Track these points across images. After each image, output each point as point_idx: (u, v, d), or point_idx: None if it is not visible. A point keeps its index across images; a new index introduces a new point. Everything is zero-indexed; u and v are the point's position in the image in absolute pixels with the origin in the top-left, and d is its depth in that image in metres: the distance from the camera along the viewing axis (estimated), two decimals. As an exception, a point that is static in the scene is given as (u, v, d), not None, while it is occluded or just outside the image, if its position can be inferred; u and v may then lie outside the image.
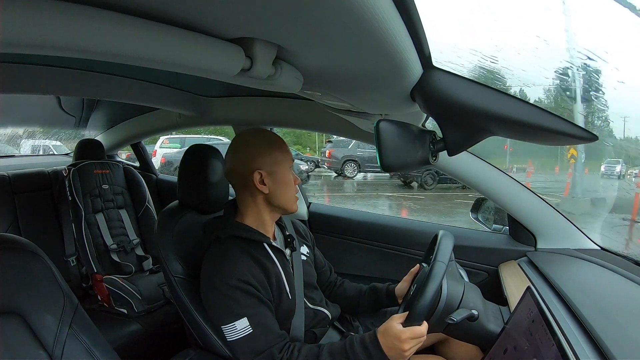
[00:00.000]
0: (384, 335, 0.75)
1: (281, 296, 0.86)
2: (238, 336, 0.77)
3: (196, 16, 0.37)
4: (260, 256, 0.86)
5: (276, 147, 0.88)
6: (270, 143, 0.88)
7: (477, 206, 1.40)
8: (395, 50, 0.42)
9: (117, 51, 0.35)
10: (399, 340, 0.72)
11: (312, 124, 1.41)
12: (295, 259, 0.95)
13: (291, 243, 0.95)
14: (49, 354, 0.64)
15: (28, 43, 0.29)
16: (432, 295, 0.73)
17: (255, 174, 0.85)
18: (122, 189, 1.82)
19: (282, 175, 0.87)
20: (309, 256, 1.02)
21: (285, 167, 0.88)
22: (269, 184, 0.86)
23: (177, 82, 1.47)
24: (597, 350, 0.61)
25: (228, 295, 0.78)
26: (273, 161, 0.86)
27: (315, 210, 1.63)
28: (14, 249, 0.68)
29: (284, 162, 0.88)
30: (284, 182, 0.88)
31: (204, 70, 0.45)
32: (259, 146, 0.87)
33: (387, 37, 0.39)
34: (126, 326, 1.40)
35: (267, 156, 0.86)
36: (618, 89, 4.99)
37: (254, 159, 0.86)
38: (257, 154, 0.86)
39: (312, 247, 1.07)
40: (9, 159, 2.29)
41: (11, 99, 1.63)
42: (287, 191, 0.89)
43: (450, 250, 0.80)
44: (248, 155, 0.86)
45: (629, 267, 0.94)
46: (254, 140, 0.88)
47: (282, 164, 0.88)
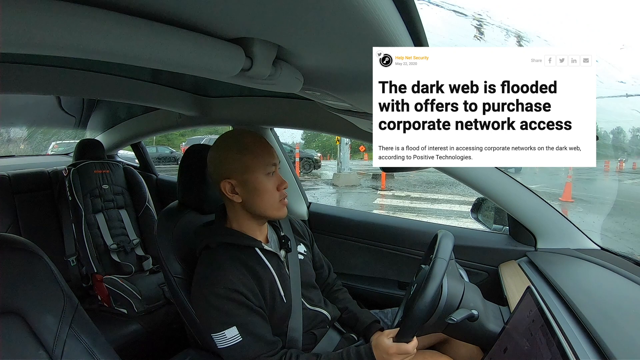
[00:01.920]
0: (376, 348, 0.79)
1: (275, 301, 0.84)
2: (228, 344, 0.76)
3: (196, 16, 0.37)
4: (252, 262, 0.83)
5: (247, 152, 0.80)
6: (240, 148, 0.80)
7: (477, 206, 1.40)
8: (395, 50, 0.43)
9: (117, 51, 0.35)
10: (387, 354, 0.77)
11: (312, 124, 1.41)
12: (292, 260, 0.92)
13: (286, 244, 0.92)
14: (49, 354, 0.64)
15: (28, 43, 0.29)
16: (431, 296, 0.73)
17: (224, 184, 0.80)
18: (122, 189, 1.83)
19: (255, 183, 0.80)
20: (307, 255, 1.00)
21: (258, 174, 0.81)
22: (241, 193, 0.81)
23: (178, 82, 1.47)
24: (597, 350, 0.61)
25: (217, 306, 0.76)
26: (243, 168, 0.80)
27: (315, 210, 1.63)
28: (14, 249, 0.68)
29: (257, 169, 0.81)
30: (259, 190, 0.81)
31: (204, 70, 0.45)
32: (227, 151, 0.80)
33: (388, 37, 0.39)
34: (126, 326, 1.40)
35: (235, 163, 0.80)
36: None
37: (223, 167, 0.80)
38: (224, 161, 0.80)
39: (310, 246, 1.05)
40: (9, 159, 2.28)
41: (11, 99, 1.63)
42: (265, 199, 0.82)
43: (450, 249, 0.80)
44: (217, 162, 0.81)
45: (629, 267, 0.94)
46: (223, 145, 0.82)
47: (254, 171, 0.80)
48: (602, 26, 6.93)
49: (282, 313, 0.86)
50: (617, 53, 6.05)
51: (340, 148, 9.83)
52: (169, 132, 2.46)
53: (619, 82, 5.01)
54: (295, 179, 1.62)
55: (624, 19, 6.65)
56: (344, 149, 9.70)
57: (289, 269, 0.91)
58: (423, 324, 0.78)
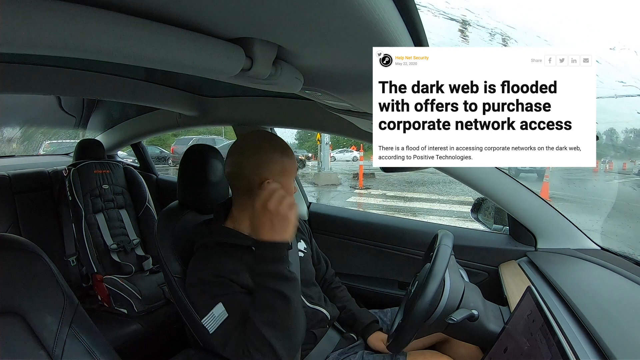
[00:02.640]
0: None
1: None
2: (217, 324, 0.73)
3: (196, 16, 0.37)
4: (250, 260, 0.82)
5: (286, 156, 0.84)
6: (282, 151, 0.84)
7: (477, 206, 1.40)
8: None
9: (117, 51, 0.35)
10: None
11: (312, 124, 1.41)
12: (292, 257, 0.92)
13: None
14: (49, 354, 0.64)
15: (28, 43, 0.29)
16: (432, 294, 0.74)
17: (264, 183, 0.80)
18: (123, 189, 1.83)
19: (287, 185, 0.83)
20: (307, 252, 1.00)
21: (291, 178, 0.85)
22: None
23: (178, 82, 1.47)
24: (597, 350, 0.61)
25: (204, 289, 0.76)
26: (282, 170, 0.83)
27: (315, 210, 1.63)
28: (14, 249, 0.68)
29: (291, 172, 0.84)
30: (289, 193, 0.83)
31: (204, 70, 0.45)
32: (271, 153, 0.82)
33: (388, 37, 0.39)
34: (126, 326, 1.40)
35: (277, 165, 0.82)
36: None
37: (265, 167, 0.81)
38: (268, 162, 0.82)
39: (309, 242, 1.05)
40: (9, 159, 2.28)
41: (11, 99, 1.63)
42: None
43: (450, 249, 0.80)
44: (258, 162, 0.82)
45: (629, 267, 0.94)
46: (266, 146, 0.83)
47: (289, 174, 0.84)
48: (602, 26, 6.97)
49: None
50: (617, 53, 6.05)
51: (321, 148, 10.26)
52: (168, 132, 2.46)
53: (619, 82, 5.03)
54: (296, 179, 1.62)
55: (624, 19, 6.68)
56: (324, 149, 10.20)
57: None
58: (423, 323, 0.78)
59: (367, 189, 8.94)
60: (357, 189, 8.92)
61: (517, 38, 5.39)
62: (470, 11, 4.10)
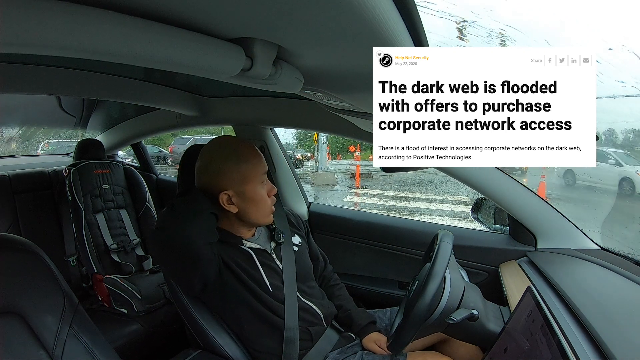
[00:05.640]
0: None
1: (260, 290, 0.85)
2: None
3: (196, 16, 0.37)
4: (237, 257, 0.84)
5: (244, 161, 0.80)
6: (238, 157, 0.80)
7: (477, 206, 1.40)
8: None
9: (117, 51, 0.35)
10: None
11: (312, 124, 1.41)
12: (286, 254, 0.91)
13: (277, 235, 0.92)
14: (49, 354, 0.64)
15: (28, 43, 0.29)
16: (432, 294, 0.74)
17: (222, 196, 0.79)
18: (123, 189, 1.82)
19: (252, 192, 0.81)
20: (302, 245, 1.00)
21: (255, 183, 0.81)
22: (237, 203, 0.81)
23: (177, 82, 1.47)
24: (597, 350, 0.61)
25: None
26: (241, 179, 0.80)
27: (315, 210, 1.63)
28: (14, 249, 0.68)
29: (254, 177, 0.81)
30: (255, 200, 0.82)
31: (204, 70, 0.45)
32: (224, 162, 0.79)
33: (388, 37, 0.39)
34: (126, 326, 1.40)
35: (234, 174, 0.79)
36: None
37: (220, 179, 0.79)
38: (223, 172, 0.79)
39: (305, 237, 1.05)
40: (9, 159, 2.28)
41: (11, 99, 1.63)
42: (259, 208, 0.83)
43: (450, 249, 0.80)
44: (213, 174, 0.80)
45: (629, 267, 0.94)
46: (219, 155, 0.80)
47: (251, 180, 0.81)
48: (602, 26, 7.02)
49: (270, 304, 0.86)
50: (617, 53, 6.06)
51: (318, 148, 10.32)
52: (169, 132, 2.46)
53: (618, 82, 5.04)
54: (296, 179, 1.62)
55: (624, 19, 6.73)
56: (321, 149, 10.27)
57: (281, 263, 0.90)
58: (423, 324, 0.78)
59: (364, 188, 8.96)
60: (354, 189, 8.95)
61: (517, 38, 5.42)
62: (471, 11, 4.12)
